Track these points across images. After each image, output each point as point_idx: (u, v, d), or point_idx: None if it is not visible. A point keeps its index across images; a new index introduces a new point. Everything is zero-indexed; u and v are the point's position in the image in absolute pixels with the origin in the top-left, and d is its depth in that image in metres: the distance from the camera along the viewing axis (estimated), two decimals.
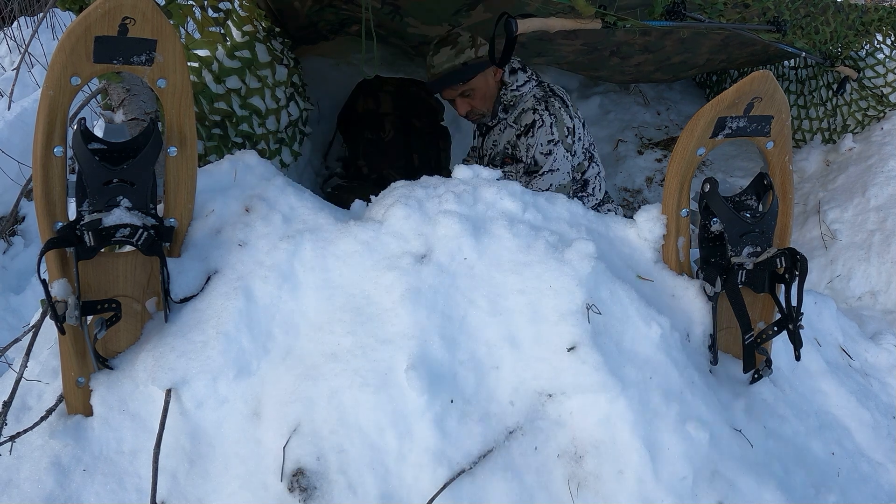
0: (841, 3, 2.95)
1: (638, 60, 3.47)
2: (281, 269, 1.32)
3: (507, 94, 2.46)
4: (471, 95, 2.44)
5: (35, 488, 1.17)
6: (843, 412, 1.51)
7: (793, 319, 1.36)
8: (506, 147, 2.50)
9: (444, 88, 2.45)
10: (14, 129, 3.36)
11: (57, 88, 1.18)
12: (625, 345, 1.29)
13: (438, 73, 2.40)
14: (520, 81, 2.46)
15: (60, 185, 1.22)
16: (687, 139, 1.40)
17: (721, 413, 1.30)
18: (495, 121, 2.53)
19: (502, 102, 2.47)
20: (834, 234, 2.96)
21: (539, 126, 2.35)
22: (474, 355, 1.26)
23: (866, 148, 3.29)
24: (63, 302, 1.17)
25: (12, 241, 3.09)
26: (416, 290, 1.28)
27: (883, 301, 2.67)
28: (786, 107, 1.40)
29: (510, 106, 2.47)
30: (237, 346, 1.25)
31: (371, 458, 1.16)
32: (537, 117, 2.36)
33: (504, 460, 1.17)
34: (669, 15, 2.20)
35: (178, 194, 1.33)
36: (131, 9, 1.18)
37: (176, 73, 1.26)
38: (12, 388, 1.27)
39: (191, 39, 1.96)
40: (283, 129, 2.54)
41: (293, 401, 1.20)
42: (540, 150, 2.35)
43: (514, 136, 2.46)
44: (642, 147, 4.08)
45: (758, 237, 1.39)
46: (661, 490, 1.15)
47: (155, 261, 1.27)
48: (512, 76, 2.45)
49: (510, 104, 2.46)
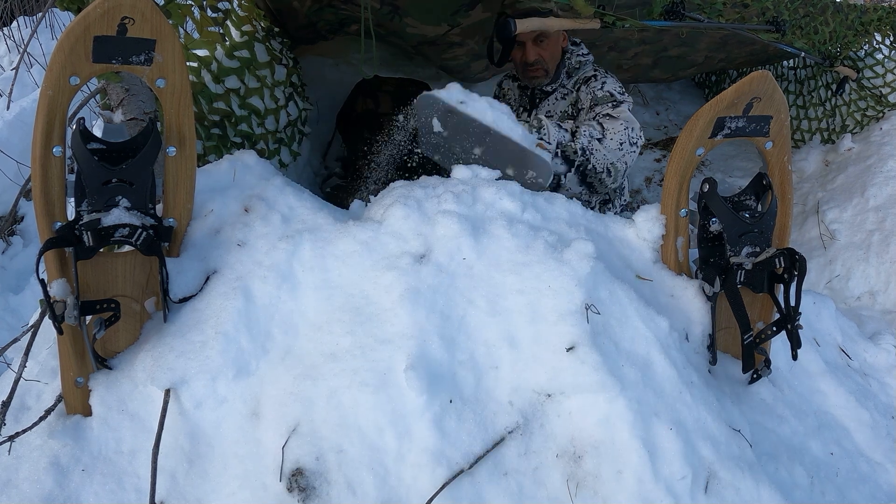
0: (840, 4, 2.95)
1: (635, 51, 3.46)
2: (280, 268, 1.32)
3: (572, 59, 2.36)
4: (544, 44, 2.30)
5: (34, 488, 1.17)
6: (842, 412, 1.51)
7: (791, 319, 1.36)
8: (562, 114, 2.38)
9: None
10: (13, 129, 3.36)
11: (56, 88, 1.18)
12: (624, 345, 1.29)
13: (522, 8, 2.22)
14: (584, 51, 2.39)
15: (59, 185, 1.22)
16: (686, 139, 1.40)
17: (720, 413, 1.30)
18: (555, 85, 2.40)
19: (567, 66, 2.37)
20: (833, 234, 2.96)
21: (603, 76, 2.27)
22: (473, 355, 1.26)
23: (865, 148, 3.30)
24: (62, 302, 1.17)
25: (11, 241, 3.09)
26: (415, 290, 1.28)
27: (882, 301, 2.68)
28: (785, 107, 1.40)
29: (574, 70, 2.37)
30: (236, 346, 1.25)
31: (370, 459, 1.16)
32: (599, 73, 2.29)
33: (503, 460, 1.18)
34: (668, 15, 2.20)
35: (177, 194, 1.33)
36: (130, 9, 1.18)
37: (175, 73, 1.26)
38: (11, 388, 1.26)
39: (190, 39, 1.96)
40: (282, 129, 2.54)
41: (292, 401, 1.20)
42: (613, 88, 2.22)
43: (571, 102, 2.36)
44: (641, 147, 4.08)
45: (757, 237, 1.39)
46: (660, 490, 1.15)
47: (154, 261, 1.27)
48: (576, 46, 2.39)
49: (574, 68, 2.37)
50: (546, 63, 2.34)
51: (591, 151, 1.92)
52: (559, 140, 1.87)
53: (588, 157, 1.93)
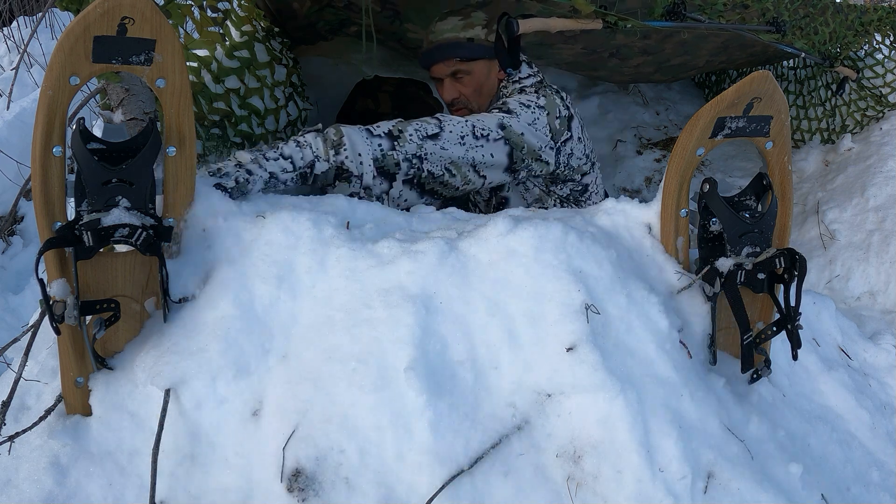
0: (840, 4, 2.95)
1: (637, 62, 3.48)
2: (281, 269, 1.32)
3: (507, 87, 2.13)
4: (464, 80, 2.10)
5: (34, 488, 1.17)
6: (842, 412, 1.51)
7: (791, 319, 1.36)
8: None
9: (437, 62, 2.08)
10: (13, 129, 3.36)
11: (56, 88, 1.18)
12: (623, 344, 1.29)
13: (436, 42, 2.06)
14: (523, 73, 2.16)
15: (59, 185, 1.22)
16: (686, 139, 1.40)
17: (719, 413, 1.30)
18: None
19: (501, 97, 2.13)
20: (833, 234, 2.96)
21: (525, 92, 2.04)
22: (473, 355, 1.26)
23: (865, 148, 3.29)
24: (62, 302, 1.17)
25: (11, 241, 3.09)
26: (415, 290, 1.28)
27: (882, 301, 2.67)
28: (785, 107, 1.40)
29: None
30: (236, 346, 1.25)
31: (370, 459, 1.16)
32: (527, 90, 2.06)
33: (503, 460, 1.18)
34: (669, 15, 2.21)
35: (177, 194, 1.32)
36: (130, 8, 1.18)
37: (175, 73, 1.26)
38: (11, 388, 1.26)
39: (190, 39, 1.96)
40: (283, 129, 2.54)
41: (292, 401, 1.20)
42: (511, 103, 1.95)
43: None
44: (641, 147, 4.08)
45: (757, 237, 1.39)
46: (660, 490, 1.15)
47: (154, 261, 1.27)
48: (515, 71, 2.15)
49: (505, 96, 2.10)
50: (469, 101, 2.13)
51: (423, 156, 1.66)
52: (373, 155, 1.61)
53: (421, 165, 1.66)
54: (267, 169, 1.50)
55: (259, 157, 1.51)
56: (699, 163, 1.43)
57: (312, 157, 1.57)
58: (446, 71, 2.11)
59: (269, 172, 1.50)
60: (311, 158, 1.57)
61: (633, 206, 1.54)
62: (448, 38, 2.05)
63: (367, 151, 1.60)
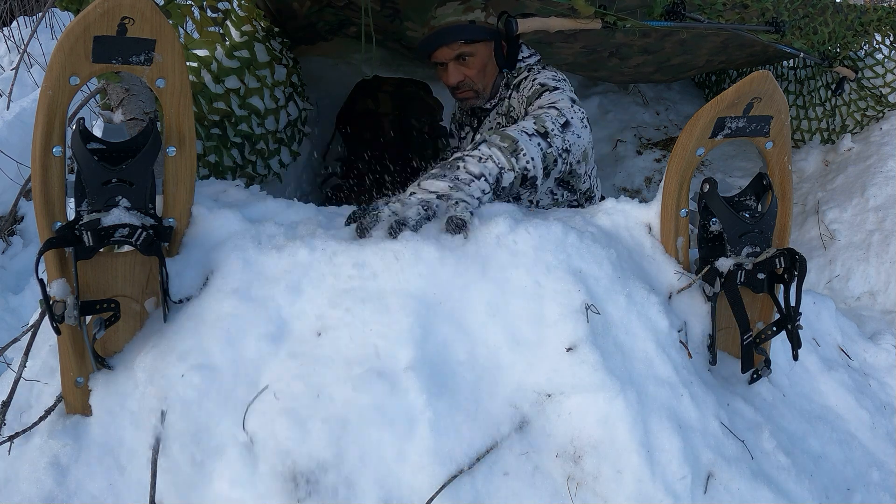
0: (839, 4, 2.95)
1: (637, 61, 3.48)
2: (281, 269, 1.32)
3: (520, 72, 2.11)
4: (468, 62, 2.08)
5: (34, 488, 1.17)
6: (842, 412, 1.51)
7: (791, 319, 1.36)
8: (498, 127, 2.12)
9: (441, 46, 2.06)
10: (13, 129, 3.36)
11: (56, 88, 1.18)
12: (623, 345, 1.29)
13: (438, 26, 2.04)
14: (525, 53, 2.14)
15: (59, 185, 1.22)
16: (686, 139, 1.40)
17: (719, 413, 1.30)
18: (494, 101, 2.17)
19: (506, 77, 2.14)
20: (833, 234, 2.96)
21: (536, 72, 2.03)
22: (474, 355, 1.26)
23: (865, 148, 3.30)
24: (62, 302, 1.17)
25: (11, 241, 3.09)
26: (415, 290, 1.28)
27: (882, 301, 2.68)
28: (785, 107, 1.40)
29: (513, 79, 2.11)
30: (236, 345, 1.25)
31: (370, 458, 1.16)
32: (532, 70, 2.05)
33: (503, 460, 1.18)
34: (669, 15, 2.21)
35: (177, 194, 1.33)
36: (130, 9, 1.18)
37: (175, 73, 1.26)
38: (11, 388, 1.27)
39: (190, 39, 1.96)
40: (283, 129, 2.54)
41: (293, 400, 1.20)
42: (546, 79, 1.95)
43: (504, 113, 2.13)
44: (641, 147, 4.08)
45: (757, 237, 1.39)
46: (660, 490, 1.15)
47: (154, 261, 1.27)
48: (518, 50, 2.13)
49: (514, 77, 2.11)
50: (474, 83, 2.12)
51: (568, 149, 1.67)
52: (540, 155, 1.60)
53: (567, 157, 1.67)
54: (475, 196, 1.45)
55: (458, 184, 1.43)
56: (699, 163, 1.43)
57: (498, 170, 1.51)
58: (450, 54, 2.08)
59: (477, 199, 1.45)
60: (496, 172, 1.50)
61: (633, 206, 1.54)
62: (450, 22, 2.03)
63: (536, 153, 1.58)
